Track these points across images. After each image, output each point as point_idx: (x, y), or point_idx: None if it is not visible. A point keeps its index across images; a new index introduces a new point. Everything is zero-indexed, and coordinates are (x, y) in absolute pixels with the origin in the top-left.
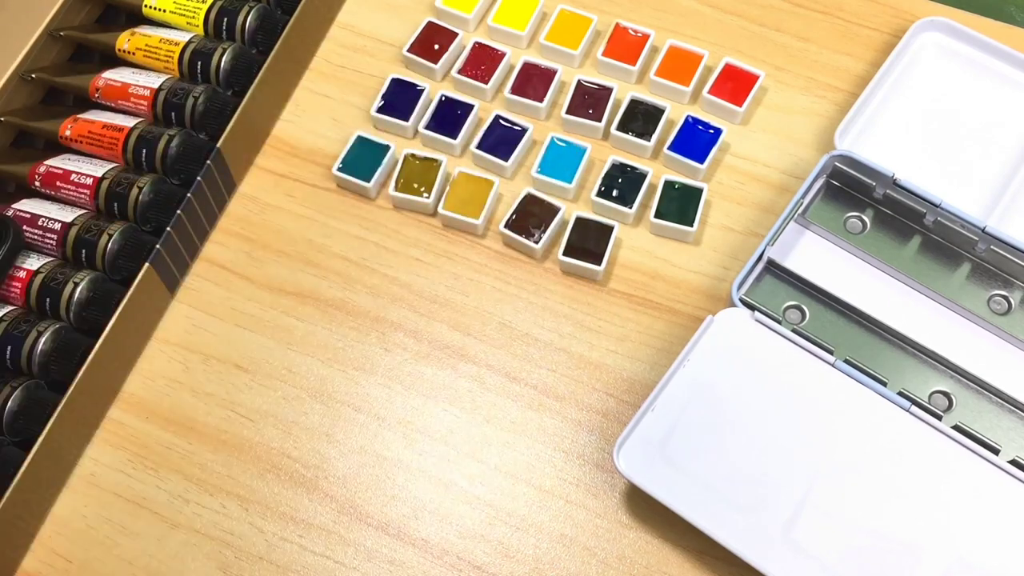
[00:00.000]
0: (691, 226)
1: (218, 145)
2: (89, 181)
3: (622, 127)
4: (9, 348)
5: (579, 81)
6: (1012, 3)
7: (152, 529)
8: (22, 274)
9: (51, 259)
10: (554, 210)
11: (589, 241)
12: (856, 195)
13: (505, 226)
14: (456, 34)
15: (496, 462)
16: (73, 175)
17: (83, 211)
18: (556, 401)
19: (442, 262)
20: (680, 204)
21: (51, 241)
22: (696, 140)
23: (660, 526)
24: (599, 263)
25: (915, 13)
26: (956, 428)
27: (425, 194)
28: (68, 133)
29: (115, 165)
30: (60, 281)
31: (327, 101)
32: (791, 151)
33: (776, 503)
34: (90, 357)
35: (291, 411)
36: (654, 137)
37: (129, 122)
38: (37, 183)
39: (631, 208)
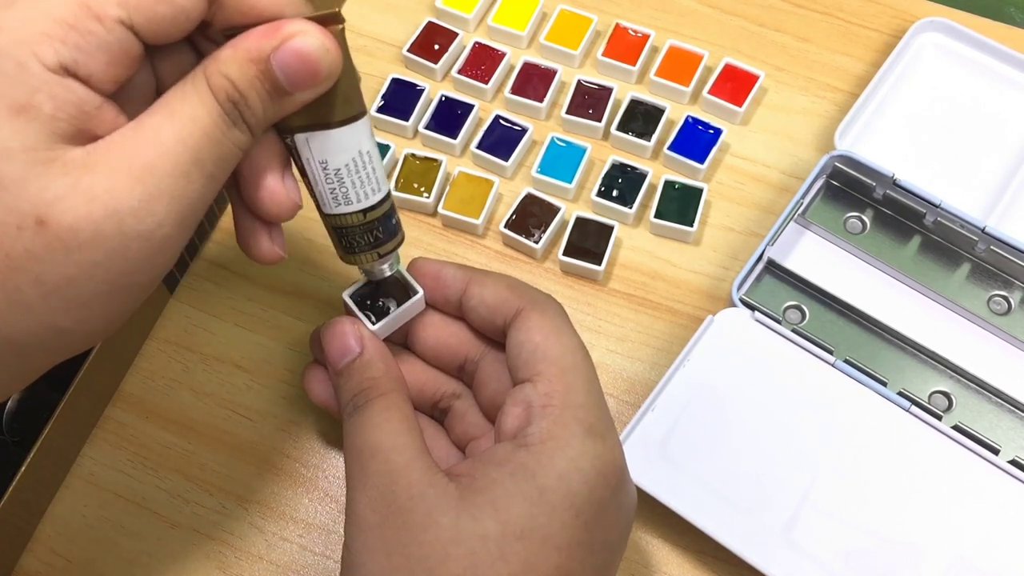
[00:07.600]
0: (691, 226)
1: None
2: None
3: (622, 127)
4: None
5: (579, 81)
6: (1012, 3)
7: (152, 529)
8: None
9: None
10: (554, 210)
11: (589, 241)
12: (856, 195)
13: (505, 226)
14: (456, 34)
15: None
16: None
17: None
18: None
19: None
20: (680, 204)
21: None
22: (696, 140)
23: (660, 526)
24: (599, 263)
25: (915, 13)
26: (956, 428)
27: (425, 194)
28: None
29: None
30: None
31: None
32: (791, 151)
33: (776, 503)
34: (90, 356)
35: (291, 411)
36: (654, 137)
37: None
38: None
39: (631, 208)
